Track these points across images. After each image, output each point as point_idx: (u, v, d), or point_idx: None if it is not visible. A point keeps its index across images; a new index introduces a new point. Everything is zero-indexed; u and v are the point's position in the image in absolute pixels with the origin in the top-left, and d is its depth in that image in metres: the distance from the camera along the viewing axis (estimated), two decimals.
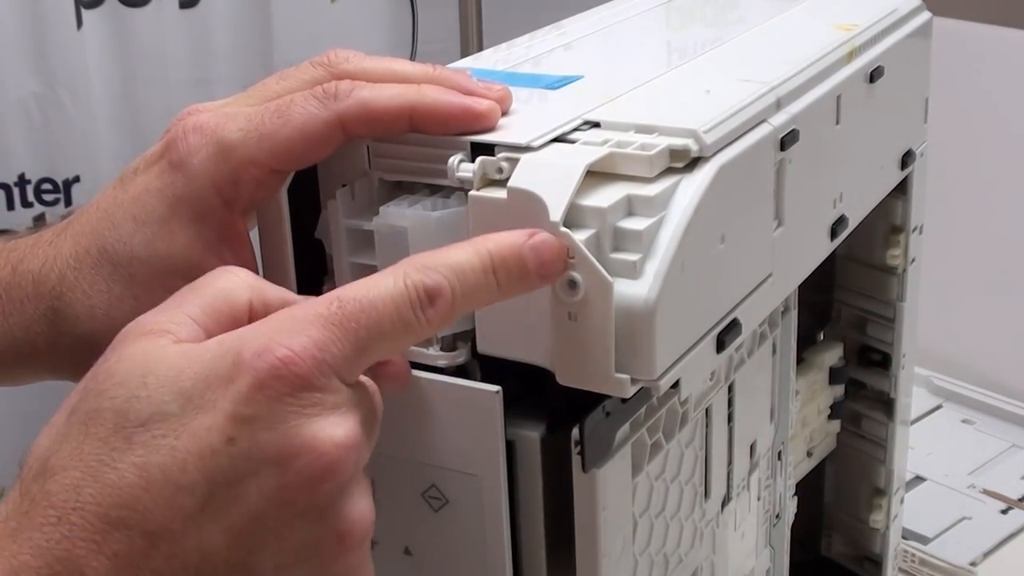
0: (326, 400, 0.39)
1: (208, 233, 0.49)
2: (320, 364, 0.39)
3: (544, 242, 0.43)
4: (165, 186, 0.49)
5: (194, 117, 0.50)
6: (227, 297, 0.43)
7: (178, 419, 0.38)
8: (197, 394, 0.39)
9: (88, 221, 0.51)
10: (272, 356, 0.38)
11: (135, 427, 0.38)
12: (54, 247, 0.52)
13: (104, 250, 0.50)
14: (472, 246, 0.43)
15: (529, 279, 0.43)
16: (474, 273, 0.42)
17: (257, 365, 0.38)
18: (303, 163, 0.49)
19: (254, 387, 0.38)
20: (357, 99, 0.48)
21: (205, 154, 0.48)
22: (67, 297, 0.51)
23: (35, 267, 0.52)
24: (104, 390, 0.39)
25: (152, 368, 0.39)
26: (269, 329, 0.40)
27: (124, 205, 0.50)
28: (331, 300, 0.40)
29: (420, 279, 0.41)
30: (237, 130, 0.48)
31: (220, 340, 0.40)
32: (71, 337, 0.51)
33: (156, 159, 0.50)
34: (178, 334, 0.41)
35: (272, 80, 0.52)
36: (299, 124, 0.47)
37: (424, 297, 0.41)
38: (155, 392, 0.39)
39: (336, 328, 0.40)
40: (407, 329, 0.41)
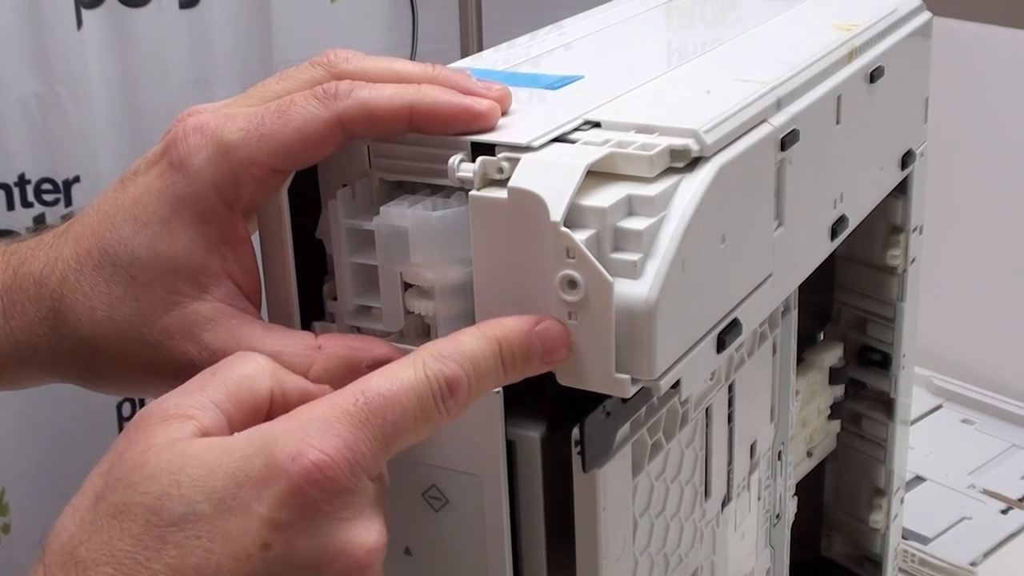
0: (357, 502, 0.40)
1: (209, 234, 0.49)
2: (352, 466, 0.39)
3: (549, 329, 0.44)
4: (166, 187, 0.49)
5: (194, 118, 0.49)
6: (251, 385, 0.43)
7: (211, 520, 0.38)
8: (229, 495, 0.39)
9: (89, 223, 0.51)
10: (307, 461, 0.39)
11: (168, 526, 0.38)
12: (55, 249, 0.52)
13: (105, 251, 0.50)
14: (483, 334, 0.43)
15: (533, 365, 0.44)
16: (486, 362, 0.43)
17: (292, 469, 0.39)
18: (303, 163, 0.49)
19: (289, 492, 0.39)
20: (357, 99, 0.47)
21: (205, 155, 0.48)
22: (68, 299, 0.50)
23: (36, 270, 0.52)
24: (134, 483, 0.39)
25: (183, 464, 0.39)
26: (298, 428, 0.40)
27: (125, 206, 0.50)
28: (356, 396, 0.41)
29: (440, 370, 0.42)
30: (237, 130, 0.48)
31: (249, 437, 0.40)
32: (72, 339, 0.51)
33: (156, 160, 0.50)
34: (202, 421, 0.41)
35: (272, 81, 0.52)
36: (299, 124, 0.47)
37: (445, 389, 0.42)
38: (188, 491, 0.39)
39: (364, 426, 0.40)
40: (428, 421, 0.42)
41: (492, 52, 0.63)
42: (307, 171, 0.50)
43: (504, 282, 0.45)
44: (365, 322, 0.50)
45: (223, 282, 0.49)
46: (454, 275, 0.47)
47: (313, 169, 0.51)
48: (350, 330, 0.50)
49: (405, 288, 0.49)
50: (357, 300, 0.50)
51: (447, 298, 0.47)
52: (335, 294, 0.51)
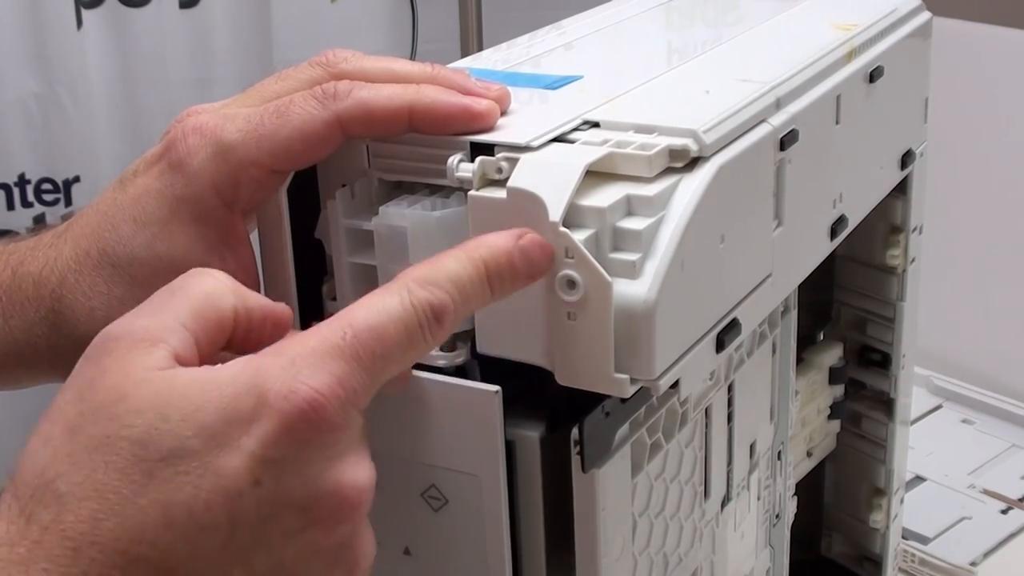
0: (347, 438, 0.39)
1: (208, 234, 0.49)
2: (343, 403, 0.39)
3: (532, 242, 0.43)
4: (165, 187, 0.49)
5: (193, 119, 0.49)
6: (214, 303, 0.42)
7: (200, 456, 0.38)
8: (219, 431, 0.38)
9: (88, 223, 0.51)
10: (298, 398, 0.38)
11: (155, 461, 0.37)
12: (54, 249, 0.52)
13: (104, 252, 0.50)
14: (467, 255, 0.42)
15: (519, 280, 0.43)
16: (471, 284, 0.42)
17: (283, 407, 0.38)
18: (302, 163, 0.49)
19: (281, 430, 0.38)
20: (356, 99, 0.47)
21: (204, 155, 0.48)
22: (67, 299, 0.50)
23: (35, 270, 0.52)
24: (117, 415, 0.38)
25: (169, 398, 0.38)
26: (288, 364, 0.39)
27: (124, 207, 0.50)
28: (343, 330, 0.40)
29: (426, 297, 0.41)
30: (236, 131, 0.48)
31: (237, 373, 0.39)
32: (72, 339, 0.51)
33: (156, 160, 0.50)
34: (171, 343, 0.40)
35: (271, 81, 0.52)
36: (298, 124, 0.47)
37: (431, 317, 0.41)
38: (176, 426, 0.38)
39: (353, 360, 0.39)
40: (415, 349, 0.41)
41: (492, 52, 0.63)
42: (306, 171, 0.50)
43: None
44: None
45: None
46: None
47: (312, 169, 0.51)
48: None
49: None
50: (356, 300, 0.50)
51: None
52: (334, 294, 0.51)
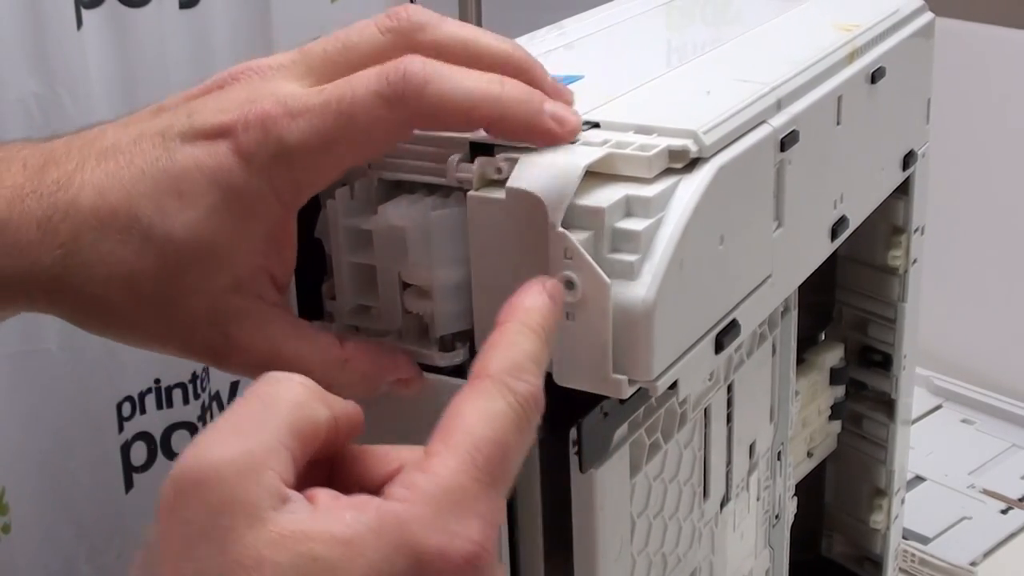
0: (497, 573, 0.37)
1: (258, 230, 0.46)
2: (495, 543, 0.37)
3: (557, 289, 0.43)
4: (220, 171, 0.44)
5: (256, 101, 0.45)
6: (309, 417, 0.38)
7: None
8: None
9: (117, 175, 0.45)
10: (458, 556, 0.35)
11: None
12: (66, 193, 0.45)
13: (136, 219, 0.44)
14: (531, 330, 0.40)
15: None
16: (544, 355, 0.41)
17: (444, 568, 0.35)
18: (366, 161, 0.48)
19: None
20: (429, 98, 0.43)
21: (267, 156, 0.44)
22: (81, 257, 0.45)
23: (40, 212, 0.45)
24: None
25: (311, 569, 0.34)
26: (433, 514, 0.36)
27: (170, 175, 0.44)
28: (471, 453, 0.37)
29: (527, 391, 0.39)
30: (300, 133, 0.44)
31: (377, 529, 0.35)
32: (80, 296, 0.46)
33: (211, 135, 0.45)
34: (278, 469, 0.36)
35: (335, 46, 0.47)
36: (364, 128, 0.44)
37: (534, 408, 0.39)
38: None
39: (492, 490, 0.37)
40: (528, 448, 0.39)
41: None
42: None
43: (502, 282, 0.45)
44: (363, 321, 0.50)
45: (259, 277, 0.47)
46: (452, 275, 0.47)
47: None
48: (347, 329, 0.50)
49: (403, 288, 0.49)
50: (356, 299, 0.50)
51: (445, 298, 0.47)
52: (334, 293, 0.51)
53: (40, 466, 1.20)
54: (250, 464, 0.35)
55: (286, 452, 0.36)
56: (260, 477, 0.35)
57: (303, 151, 0.44)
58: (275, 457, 0.36)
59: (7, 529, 1.20)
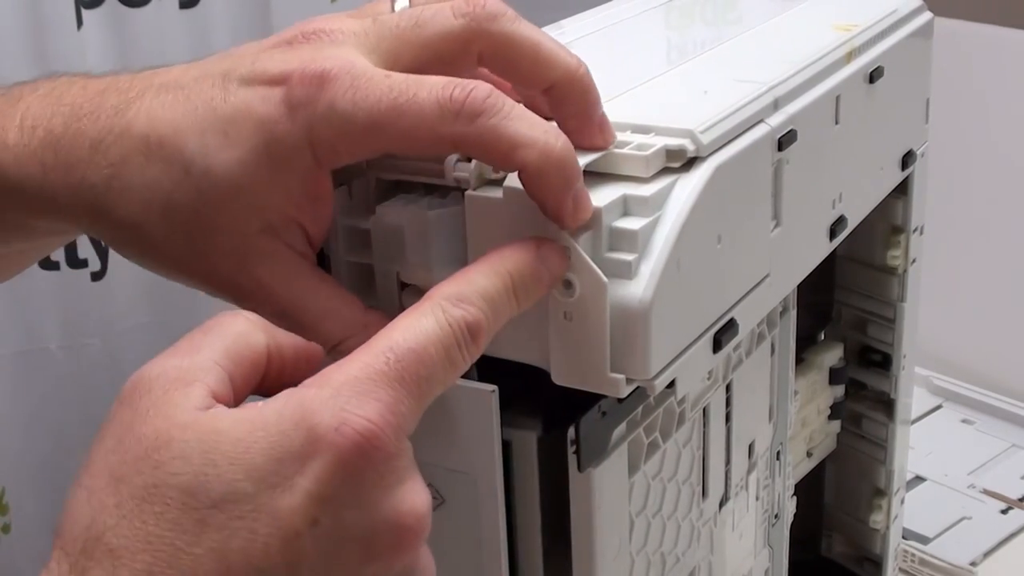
0: (401, 466, 0.38)
1: (292, 183, 0.46)
2: (396, 430, 0.38)
3: (551, 251, 0.43)
4: (267, 118, 0.45)
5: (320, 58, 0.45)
6: (247, 341, 0.41)
7: (253, 499, 0.36)
8: (271, 471, 0.37)
9: (172, 107, 0.46)
10: (351, 430, 0.37)
11: (207, 508, 0.36)
12: (122, 118, 0.46)
13: (181, 151, 0.45)
14: (493, 269, 0.42)
15: (541, 289, 0.43)
16: (500, 298, 0.42)
17: (337, 441, 0.37)
18: (401, 154, 0.48)
19: (336, 465, 0.37)
20: (479, 131, 0.43)
21: (314, 113, 0.44)
22: (125, 180, 0.46)
23: (95, 133, 0.47)
24: (160, 462, 0.37)
25: (215, 442, 0.37)
26: (333, 395, 0.38)
27: (220, 115, 0.45)
28: (384, 354, 0.39)
29: (461, 315, 0.40)
30: (353, 104, 0.44)
31: (280, 409, 0.38)
32: (118, 219, 0.47)
33: (269, 81, 0.45)
34: (207, 382, 0.39)
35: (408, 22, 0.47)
36: (411, 127, 0.44)
37: (468, 336, 0.40)
38: (225, 470, 0.36)
39: (399, 385, 0.38)
40: (455, 370, 0.40)
41: None
42: None
43: None
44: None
45: (291, 227, 0.47)
46: (450, 275, 0.47)
47: None
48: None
49: (401, 287, 0.49)
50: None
51: None
52: None
53: (40, 466, 1.21)
54: (180, 376, 0.39)
55: (219, 370, 0.40)
56: (188, 388, 0.39)
57: (347, 121, 0.44)
58: (207, 373, 0.39)
59: (7, 529, 1.20)
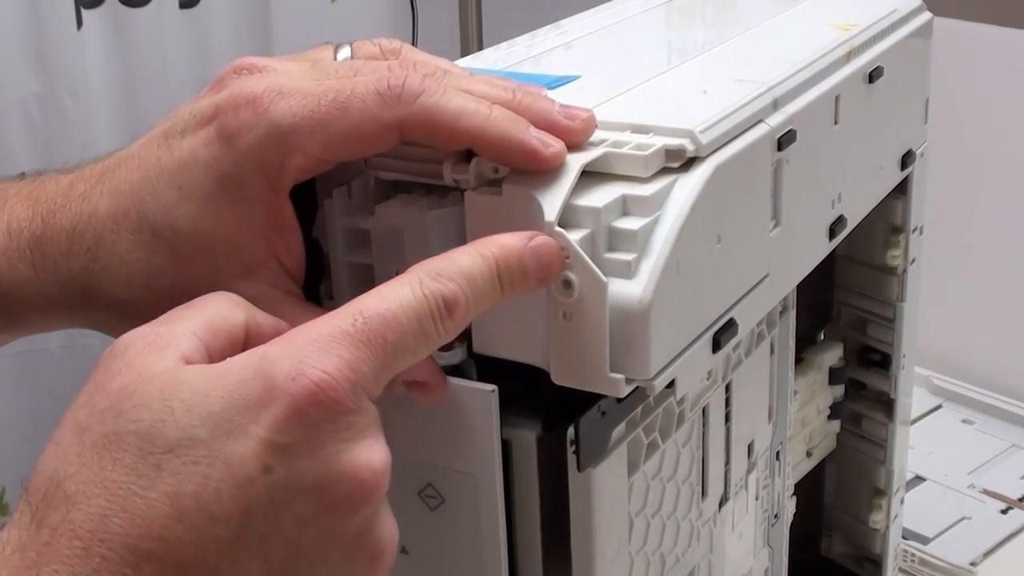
0: (359, 422, 0.38)
1: (256, 215, 0.47)
2: (354, 386, 0.38)
3: (544, 245, 0.43)
4: (212, 159, 0.46)
5: (248, 84, 0.47)
6: (225, 315, 0.42)
7: (208, 445, 0.37)
8: (227, 418, 0.37)
9: (128, 179, 0.48)
10: (307, 380, 0.37)
11: (163, 453, 0.37)
12: (89, 203, 0.48)
13: (144, 216, 0.47)
14: (478, 251, 0.42)
15: (529, 282, 0.43)
16: (483, 279, 0.42)
17: (292, 390, 0.37)
18: (352, 157, 0.48)
19: (290, 413, 0.37)
20: (421, 107, 0.45)
21: (254, 136, 0.46)
22: (104, 261, 0.48)
23: (68, 223, 0.49)
24: (123, 411, 0.38)
25: (175, 390, 0.38)
26: (296, 348, 0.38)
27: (168, 170, 0.47)
28: (354, 316, 0.39)
29: (438, 288, 0.40)
30: (290, 114, 0.45)
31: (243, 360, 0.38)
32: (107, 300, 0.48)
33: (204, 123, 0.47)
34: (181, 348, 0.40)
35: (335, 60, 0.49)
36: (356, 121, 0.45)
37: (443, 307, 0.40)
38: (182, 416, 0.37)
39: (363, 346, 0.39)
40: (427, 341, 0.40)
41: (492, 51, 0.63)
42: None
43: None
44: None
45: (269, 264, 0.48)
46: None
47: None
48: None
49: None
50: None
51: None
52: (332, 293, 0.51)
53: None
54: (156, 342, 0.40)
55: (195, 339, 0.40)
56: (162, 351, 0.39)
57: (292, 131, 0.45)
58: (183, 341, 0.40)
59: None
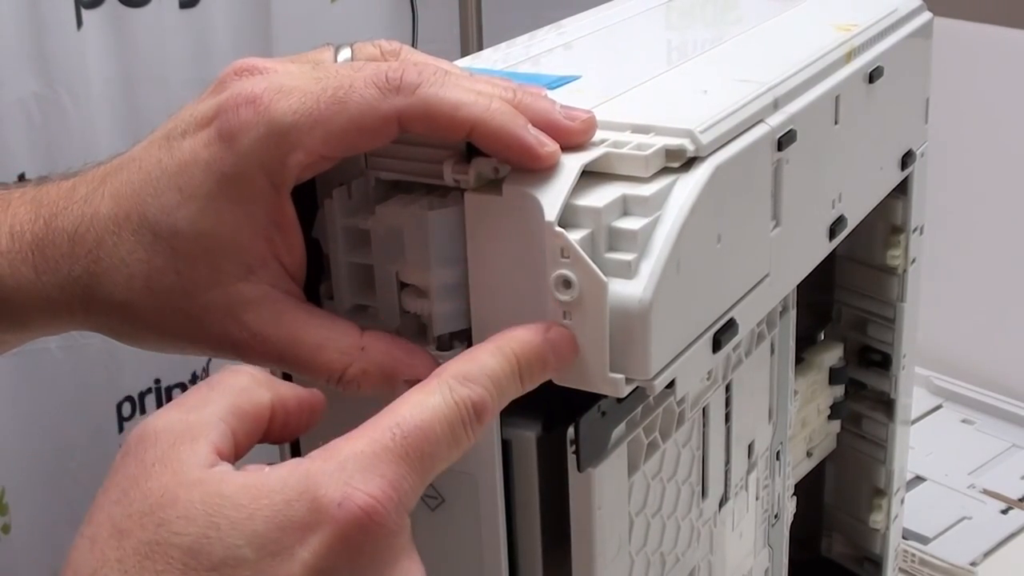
0: (400, 543, 0.39)
1: (257, 214, 0.47)
2: (397, 506, 0.38)
3: (560, 336, 0.44)
4: (213, 159, 0.46)
5: (248, 84, 0.47)
6: (251, 397, 0.42)
7: (253, 565, 0.37)
8: (272, 540, 0.37)
9: (129, 181, 0.48)
10: (354, 506, 0.37)
11: (207, 570, 0.37)
12: (90, 205, 0.49)
13: (145, 217, 0.47)
14: (501, 351, 0.43)
15: (547, 373, 0.44)
16: (506, 379, 0.42)
17: (339, 516, 0.37)
18: (355, 152, 0.48)
19: (336, 539, 0.37)
20: (420, 98, 0.45)
21: (255, 135, 0.46)
22: (105, 262, 0.48)
23: (70, 226, 0.49)
24: (166, 521, 0.37)
25: (219, 506, 0.37)
26: (338, 468, 0.38)
27: (169, 172, 0.47)
28: (392, 430, 0.39)
29: (468, 395, 0.41)
30: (291, 112, 0.45)
31: (285, 478, 0.38)
32: (108, 303, 0.48)
33: (204, 124, 0.47)
34: (212, 439, 0.40)
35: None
36: (355, 114, 0.45)
37: (473, 414, 0.41)
38: (227, 534, 0.37)
39: (403, 461, 0.39)
40: (459, 447, 0.41)
41: (492, 51, 0.63)
42: None
43: (499, 282, 0.45)
44: (361, 321, 0.50)
45: (270, 264, 0.48)
46: (449, 275, 0.47)
47: None
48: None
49: (401, 287, 0.49)
50: (353, 299, 0.50)
51: (442, 298, 0.47)
52: (332, 293, 0.51)
53: (40, 466, 1.21)
54: (186, 432, 0.39)
55: (224, 426, 0.40)
56: (194, 444, 0.39)
57: (292, 128, 0.45)
58: (212, 429, 0.40)
59: (7, 529, 1.20)
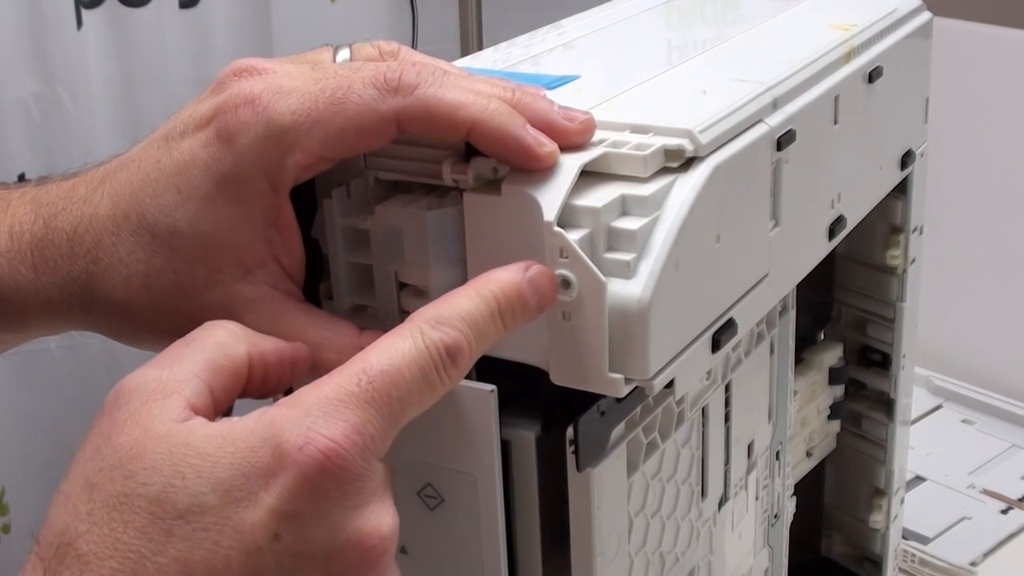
0: (367, 487, 0.39)
1: (255, 215, 0.47)
2: (362, 451, 0.38)
3: (540, 274, 0.43)
4: (212, 160, 0.47)
5: (247, 85, 0.47)
6: (226, 352, 0.42)
7: (218, 512, 0.37)
8: (236, 486, 0.38)
9: (127, 182, 0.48)
10: (315, 449, 0.38)
11: (173, 519, 0.37)
12: (90, 205, 0.49)
13: (144, 218, 0.47)
14: (477, 292, 0.42)
15: (530, 313, 0.43)
16: (484, 321, 0.42)
17: (301, 460, 0.37)
18: (353, 153, 0.48)
19: (299, 483, 0.37)
20: (419, 99, 0.45)
21: (254, 135, 0.46)
22: (103, 262, 0.48)
23: (69, 226, 0.49)
24: (133, 473, 0.38)
25: (184, 455, 0.38)
26: (303, 415, 0.38)
27: (168, 172, 0.47)
28: (358, 375, 0.39)
29: (440, 338, 0.41)
30: (289, 112, 0.46)
31: (251, 426, 0.39)
32: (107, 303, 0.49)
33: (203, 124, 0.47)
34: (186, 394, 0.40)
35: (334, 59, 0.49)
36: (354, 115, 0.45)
37: (446, 357, 0.41)
38: (192, 483, 0.38)
39: (370, 406, 0.39)
40: (432, 391, 0.41)
41: (492, 51, 0.63)
42: None
43: None
44: (361, 321, 0.50)
45: (268, 264, 0.48)
46: (448, 275, 0.47)
47: None
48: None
49: (400, 287, 0.49)
50: (353, 299, 0.50)
51: None
52: (331, 293, 0.51)
53: (40, 466, 1.21)
54: (159, 388, 0.40)
55: (198, 382, 0.41)
56: (166, 400, 0.40)
57: (291, 129, 0.46)
58: (185, 386, 0.40)
59: (7, 529, 1.20)
